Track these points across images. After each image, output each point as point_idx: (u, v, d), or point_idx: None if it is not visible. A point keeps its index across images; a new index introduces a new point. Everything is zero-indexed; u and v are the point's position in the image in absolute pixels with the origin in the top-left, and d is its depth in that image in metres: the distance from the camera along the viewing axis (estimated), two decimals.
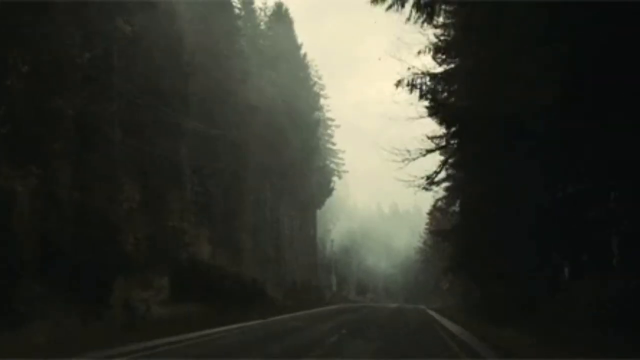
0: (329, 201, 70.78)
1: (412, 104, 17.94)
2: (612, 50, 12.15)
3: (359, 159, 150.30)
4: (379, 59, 19.57)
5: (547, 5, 12.19)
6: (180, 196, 32.89)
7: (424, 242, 66.13)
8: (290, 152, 51.00)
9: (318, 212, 68.01)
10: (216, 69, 37.80)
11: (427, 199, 48.88)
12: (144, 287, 23.52)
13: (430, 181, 21.20)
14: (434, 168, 21.51)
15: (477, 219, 25.24)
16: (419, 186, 20.71)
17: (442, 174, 23.72)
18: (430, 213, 49.65)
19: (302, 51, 58.19)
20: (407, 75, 17.26)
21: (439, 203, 37.06)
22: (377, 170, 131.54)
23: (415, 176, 20.12)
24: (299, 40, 57.31)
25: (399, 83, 17.32)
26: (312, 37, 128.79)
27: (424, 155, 19.53)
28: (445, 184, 35.19)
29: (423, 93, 17.21)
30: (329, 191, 67.74)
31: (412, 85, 17.09)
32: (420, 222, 73.39)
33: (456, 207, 36.72)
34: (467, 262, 30.56)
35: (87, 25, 24.91)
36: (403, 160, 18.62)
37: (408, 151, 18.53)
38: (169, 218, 30.92)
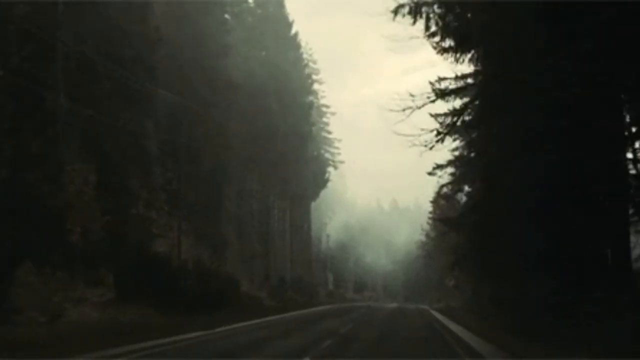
0: (324, 193, 66.92)
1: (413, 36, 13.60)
2: None
3: (358, 153, 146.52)
4: None
5: None
6: (148, 181, 28.64)
7: (427, 235, 62.13)
8: (280, 138, 46.89)
9: (312, 204, 64.04)
10: (193, 40, 33.63)
11: (429, 193, 44.95)
12: (88, 285, 19.33)
13: (442, 136, 16.62)
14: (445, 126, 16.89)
15: (492, 198, 21.10)
16: (425, 145, 16.13)
17: (450, 142, 19.04)
18: (434, 201, 45.57)
19: (294, 30, 54.02)
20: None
21: (444, 189, 32.96)
22: (376, 166, 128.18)
23: (422, 129, 15.60)
24: (291, 18, 53.17)
25: (397, 9, 13.11)
26: (310, 31, 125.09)
27: (433, 100, 15.21)
28: (450, 170, 31.22)
29: (430, 26, 13.00)
30: (324, 182, 63.79)
31: (415, 13, 12.90)
32: (421, 218, 70.05)
33: (463, 194, 32.62)
34: (477, 254, 26.51)
35: None
36: (405, 110, 14.32)
37: (412, 97, 14.20)
38: (132, 205, 26.72)
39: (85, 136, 24.07)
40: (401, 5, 13.10)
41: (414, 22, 13.23)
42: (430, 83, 15.42)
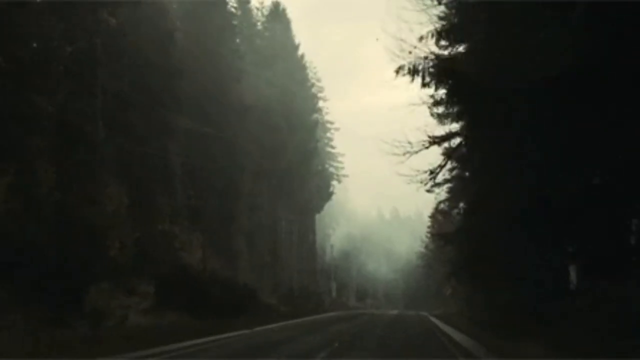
0: (328, 205, 69.38)
1: (412, 88, 16.47)
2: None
3: (359, 163, 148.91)
4: (377, 40, 17.64)
5: None
6: (171, 199, 31.50)
7: (426, 247, 64.61)
8: (287, 155, 49.62)
9: (317, 216, 66.57)
10: (210, 67, 36.53)
11: (429, 203, 47.46)
12: (127, 294, 22.11)
13: (434, 177, 19.69)
14: (437, 164, 19.88)
15: (481, 219, 23.81)
16: (421, 182, 19.19)
17: (446, 172, 22.08)
18: (432, 216, 48.26)
19: (300, 52, 56.95)
20: (408, 61, 15.86)
21: (442, 205, 35.68)
22: (377, 174, 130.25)
23: (418, 170, 18.65)
24: (297, 40, 56.09)
25: (399, 69, 15.92)
26: (312, 40, 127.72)
27: (427, 147, 18.10)
28: (447, 186, 33.90)
29: (426, 81, 15.81)
30: (328, 195, 66.35)
31: (414, 72, 15.69)
32: (422, 228, 71.98)
33: (459, 210, 35.33)
34: (471, 266, 29.12)
35: (69, 17, 23.73)
36: (404, 154, 17.20)
37: (410, 143, 17.12)
38: (158, 221, 29.55)
39: (118, 161, 26.91)
40: (401, 66, 15.99)
41: (412, 80, 16.07)
42: (428, 136, 18.52)
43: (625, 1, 11.44)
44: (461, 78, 14.81)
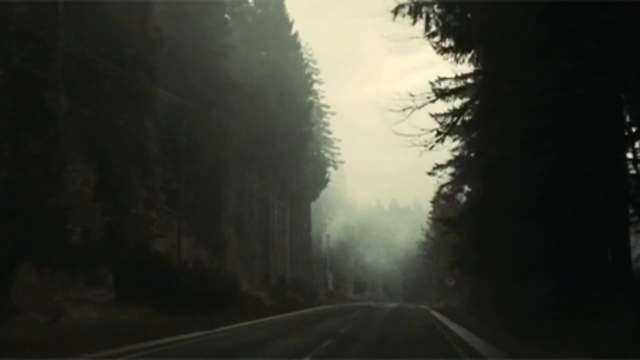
0: (324, 194, 66.92)
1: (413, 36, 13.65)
2: None
3: (358, 154, 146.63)
4: None
5: None
6: (147, 181, 28.63)
7: (427, 235, 62.12)
8: (280, 138, 46.88)
9: (313, 205, 64.02)
10: (193, 40, 33.64)
11: (429, 193, 44.84)
12: (87, 285, 19.35)
13: (442, 136, 16.66)
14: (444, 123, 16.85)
15: (492, 201, 21.07)
16: (425, 144, 16.15)
17: (451, 143, 19.03)
18: (434, 201, 45.59)
19: (294, 30, 54.01)
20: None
21: (444, 189, 32.94)
22: (376, 165, 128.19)
23: (422, 129, 15.59)
24: (291, 18, 53.16)
25: (397, 9, 13.13)
26: (310, 31, 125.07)
27: (433, 101, 15.22)
28: (450, 169, 31.22)
29: (430, 27, 13.01)
30: (324, 182, 63.80)
31: (415, 13, 12.91)
32: (421, 218, 70.06)
33: (463, 194, 32.65)
34: (476, 254, 26.53)
35: None
36: (405, 110, 14.32)
37: (412, 96, 14.19)
38: (132, 205, 26.70)
39: (85, 136, 24.07)
40: (401, 5, 13.15)
41: (414, 22, 13.28)
42: (431, 83, 15.51)
43: None
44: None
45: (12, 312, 14.36)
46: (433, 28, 13.44)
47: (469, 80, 16.80)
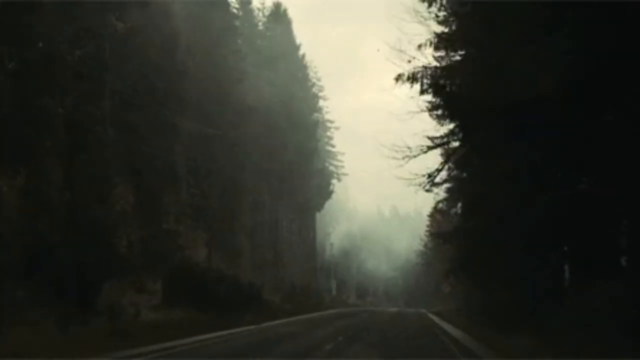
0: (328, 204, 69.95)
1: (412, 97, 17.30)
2: (612, 47, 11.66)
3: (358, 161, 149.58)
4: (378, 50, 18.70)
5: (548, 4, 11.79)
6: (176, 198, 32.24)
7: (425, 245, 65.28)
8: (288, 154, 50.31)
9: (317, 215, 67.23)
10: (212, 69, 37.15)
11: (428, 201, 47.81)
12: (136, 291, 22.84)
13: (432, 180, 20.43)
14: (435, 167, 20.71)
15: (479, 219, 24.46)
16: (419, 185, 19.94)
17: (444, 174, 22.91)
18: (431, 215, 48.96)
19: (301, 52, 57.60)
20: (407, 69, 16.62)
21: (440, 205, 36.32)
22: (377, 172, 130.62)
23: (416, 174, 19.36)
24: (298, 40, 56.72)
25: (399, 77, 16.64)
26: (311, 38, 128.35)
27: (425, 152, 18.81)
28: (446, 186, 34.49)
29: (424, 87, 16.53)
30: (328, 194, 66.96)
31: (412, 79, 16.42)
32: (421, 225, 72.41)
33: (457, 209, 35.97)
34: (469, 265, 29.73)
35: (78, 21, 24.32)
36: (403, 158, 17.88)
37: (409, 148, 17.81)
38: (163, 220, 30.25)
39: (125, 161, 27.57)
40: (401, 74, 16.73)
41: (412, 87, 16.82)
42: (428, 137, 19.27)
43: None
44: (454, 93, 15.61)
45: (102, 315, 17.78)
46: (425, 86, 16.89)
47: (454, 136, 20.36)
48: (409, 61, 16.44)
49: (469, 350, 15.52)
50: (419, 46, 17.06)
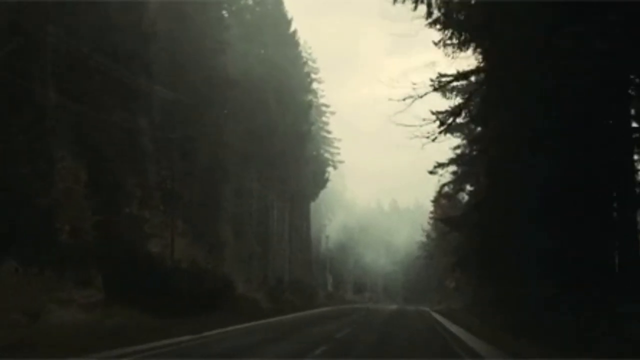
0: (324, 194, 66.35)
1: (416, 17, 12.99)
2: None
3: (358, 155, 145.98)
4: None
5: None
6: (141, 179, 27.99)
7: (427, 235, 61.63)
8: (278, 136, 46.28)
9: (312, 205, 63.43)
10: (189, 35, 32.99)
11: (429, 193, 44.12)
12: (76, 286, 18.71)
13: (446, 126, 15.91)
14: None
15: (494, 201, 20.45)
16: (427, 135, 15.41)
17: (459, 120, 18.13)
18: (435, 200, 44.90)
19: (293, 28, 53.46)
20: None
21: (446, 188, 32.27)
22: (376, 166, 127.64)
23: (424, 119, 14.82)
24: (289, 15, 52.60)
25: None
26: (310, 32, 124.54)
27: (436, 89, 14.47)
28: (452, 168, 30.61)
29: (431, 11, 12.35)
30: (323, 182, 63.22)
31: None
32: (421, 219, 69.76)
33: (465, 193, 31.99)
34: (480, 255, 25.93)
35: None
36: (405, 99, 13.60)
37: (413, 85, 13.44)
38: (125, 204, 26.06)
39: (76, 132, 23.45)
40: None
41: (415, 8, 12.61)
42: (431, 80, 14.72)
43: None
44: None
45: None
46: (435, 14, 12.75)
47: (471, 79, 16.12)
48: None
49: None
50: None
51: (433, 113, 19.13)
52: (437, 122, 15.34)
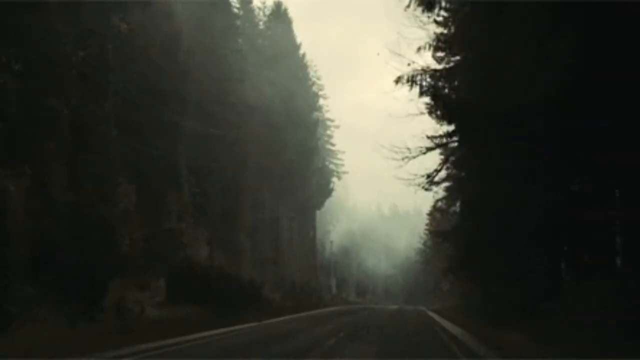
0: (328, 202, 70.30)
1: (412, 100, 17.68)
2: (611, 50, 11.95)
3: (358, 159, 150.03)
4: (378, 54, 19.37)
5: (548, 5, 12.05)
6: (178, 197, 32.57)
7: (424, 243, 65.74)
8: (289, 153, 50.63)
9: (317, 213, 67.58)
10: (213, 68, 37.42)
11: (428, 200, 48.43)
12: (139, 289, 23.21)
13: (431, 180, 20.84)
14: (435, 167, 21.16)
15: (477, 219, 24.80)
16: (419, 185, 20.34)
17: (442, 174, 23.38)
18: (430, 214, 49.32)
19: (301, 51, 57.91)
20: (407, 72, 17.00)
21: (439, 203, 36.73)
22: (376, 171, 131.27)
23: (416, 174, 19.77)
24: (298, 40, 57.02)
25: (398, 79, 17.02)
26: (312, 37, 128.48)
27: (424, 153, 19.18)
28: (445, 184, 34.90)
29: (423, 90, 16.89)
30: (328, 192, 67.32)
31: (412, 82, 16.78)
32: (421, 223, 72.82)
33: (456, 208, 36.36)
34: (467, 263, 30.11)
35: (82, 23, 24.61)
36: (403, 159, 18.26)
37: (408, 149, 18.19)
38: (166, 219, 30.61)
39: (127, 161, 27.91)
40: (400, 77, 17.10)
41: (411, 89, 17.16)
42: (427, 137, 19.63)
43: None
44: (452, 97, 15.97)
45: (105, 311, 18.16)
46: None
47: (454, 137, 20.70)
48: (409, 64, 16.86)
49: (468, 349, 15.88)
50: (418, 49, 17.48)
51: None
52: (425, 176, 20.11)
